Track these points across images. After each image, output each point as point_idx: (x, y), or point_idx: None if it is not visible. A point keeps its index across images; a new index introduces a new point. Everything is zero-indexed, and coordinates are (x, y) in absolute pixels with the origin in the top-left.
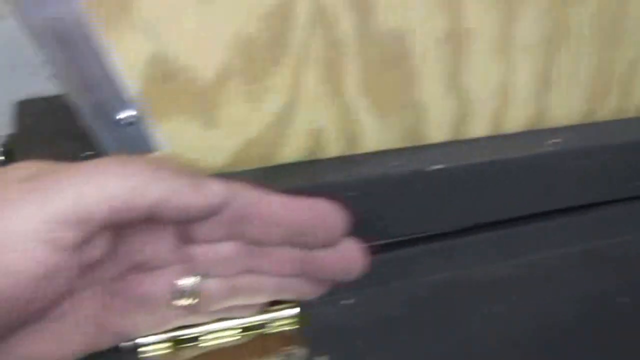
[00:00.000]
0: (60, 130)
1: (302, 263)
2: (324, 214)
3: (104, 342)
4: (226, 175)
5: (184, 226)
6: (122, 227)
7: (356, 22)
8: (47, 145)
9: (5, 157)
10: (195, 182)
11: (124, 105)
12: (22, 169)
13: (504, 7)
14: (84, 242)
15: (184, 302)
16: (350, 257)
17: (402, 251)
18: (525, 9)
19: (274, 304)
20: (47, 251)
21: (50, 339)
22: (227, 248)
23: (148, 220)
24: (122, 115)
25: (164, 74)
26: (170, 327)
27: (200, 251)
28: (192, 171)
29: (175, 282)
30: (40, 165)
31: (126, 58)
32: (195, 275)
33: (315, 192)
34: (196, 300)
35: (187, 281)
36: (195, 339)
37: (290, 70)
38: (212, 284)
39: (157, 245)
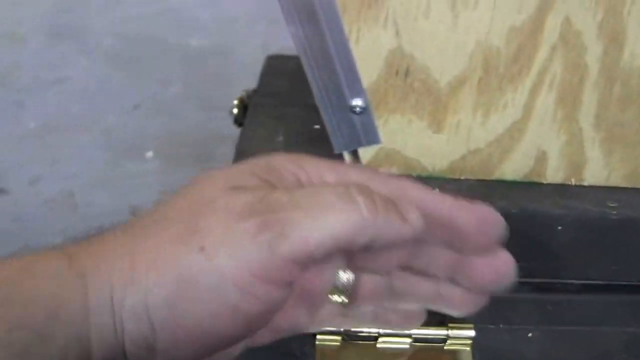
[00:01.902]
0: (294, 94)
1: (456, 266)
2: (485, 217)
3: (265, 338)
4: (439, 180)
5: None
6: None
7: (603, 52)
8: (277, 108)
9: (238, 112)
10: (402, 214)
11: (358, 92)
12: (241, 194)
13: None
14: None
15: (338, 298)
16: (501, 266)
17: (594, 296)
18: None
19: (450, 322)
20: (272, 289)
21: None
22: None
23: None
24: (355, 102)
25: (401, 70)
26: (324, 327)
27: None
28: (394, 192)
29: (333, 276)
30: (259, 194)
31: (368, 48)
32: (351, 270)
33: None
34: (349, 298)
35: (344, 276)
36: (366, 338)
37: (527, 88)
38: (368, 281)
39: None
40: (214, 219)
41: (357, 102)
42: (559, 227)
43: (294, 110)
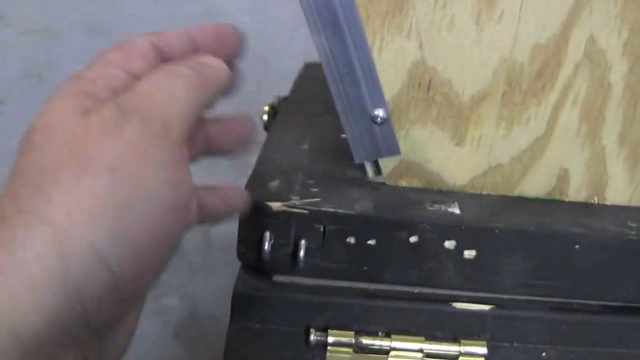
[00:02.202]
0: (325, 102)
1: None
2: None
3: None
4: (459, 194)
5: None
6: None
7: (628, 70)
8: (307, 115)
9: (268, 119)
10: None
11: (379, 102)
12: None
13: None
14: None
15: None
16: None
17: (611, 317)
18: None
19: (462, 338)
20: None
21: None
22: None
23: None
24: (376, 112)
25: (423, 82)
26: None
27: None
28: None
29: None
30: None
31: (391, 58)
32: None
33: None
34: None
35: None
36: (378, 351)
37: (550, 104)
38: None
39: None
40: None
41: (379, 112)
42: (577, 246)
43: (322, 118)
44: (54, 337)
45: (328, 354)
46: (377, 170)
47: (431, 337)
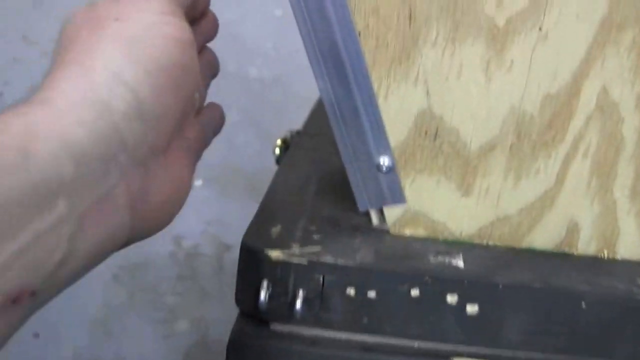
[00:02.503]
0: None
1: None
2: None
3: None
4: (465, 245)
5: None
6: None
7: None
8: (317, 151)
9: (280, 153)
10: None
11: (385, 151)
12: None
13: None
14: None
15: None
16: None
17: None
18: None
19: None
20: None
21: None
22: None
23: None
24: (382, 160)
25: (430, 131)
26: None
27: None
28: None
29: None
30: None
31: (397, 106)
32: None
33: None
34: None
35: None
36: None
37: (561, 156)
38: None
39: None
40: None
41: (384, 160)
42: (583, 304)
43: (333, 157)
44: (98, 152)
45: None
46: (382, 218)
47: None
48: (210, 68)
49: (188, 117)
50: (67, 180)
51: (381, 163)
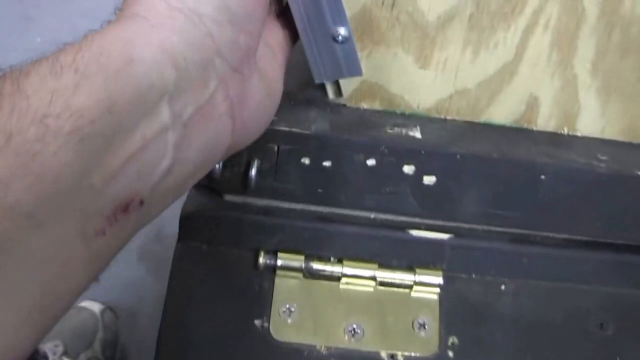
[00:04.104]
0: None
1: None
2: None
3: None
4: (423, 118)
5: None
6: None
7: None
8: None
9: None
10: None
11: (341, 21)
12: None
13: None
14: None
15: None
16: None
17: (574, 252)
18: None
19: (418, 267)
20: None
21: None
22: None
23: None
24: (338, 30)
25: (387, 0)
26: None
27: None
28: None
29: None
30: None
31: None
32: None
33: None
34: None
35: None
36: (329, 277)
37: (520, 29)
38: None
39: None
40: None
41: (340, 30)
42: (542, 177)
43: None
44: (196, 58)
45: (276, 278)
46: (338, 92)
47: (385, 265)
48: None
49: (268, 8)
50: (170, 86)
51: (337, 33)
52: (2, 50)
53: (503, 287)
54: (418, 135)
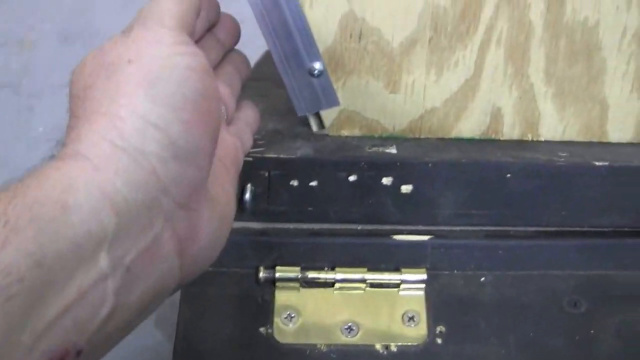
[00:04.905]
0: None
1: None
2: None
3: None
4: (399, 139)
5: None
6: None
7: (547, 9)
8: (264, 89)
9: None
10: None
11: (315, 56)
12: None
13: None
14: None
15: None
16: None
17: (544, 241)
18: None
19: (403, 267)
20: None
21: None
22: None
23: None
24: (312, 65)
25: (354, 33)
26: None
27: None
28: None
29: None
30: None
31: (322, 13)
32: None
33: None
34: None
35: None
36: (323, 284)
37: (476, 46)
38: None
39: None
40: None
41: (315, 65)
42: (508, 175)
43: (278, 90)
44: (139, 200)
45: (276, 290)
46: (320, 123)
47: (373, 268)
48: (238, 72)
49: (218, 137)
50: (110, 233)
51: (313, 68)
52: (5, 142)
53: (482, 279)
54: (394, 150)
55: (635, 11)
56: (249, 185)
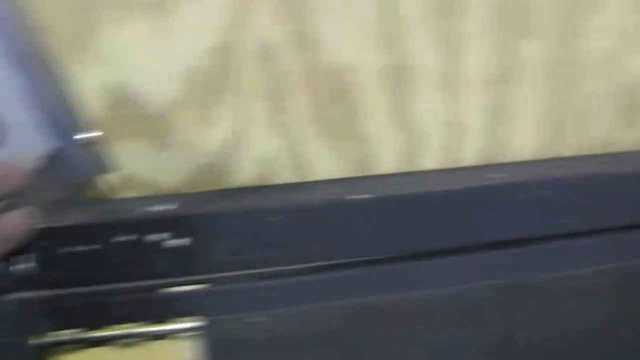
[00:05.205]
0: None
1: None
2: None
3: None
4: (179, 195)
5: None
6: None
7: (301, 57)
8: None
9: None
10: None
11: (81, 128)
12: None
13: (448, 45)
14: None
15: None
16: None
17: (314, 276)
18: (472, 47)
19: (177, 317)
20: None
21: None
22: None
23: None
24: (80, 136)
25: (117, 101)
26: None
27: None
28: None
29: None
30: None
31: (83, 84)
32: None
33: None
34: None
35: None
36: (102, 341)
37: (238, 100)
38: None
39: None
40: None
41: (85, 135)
42: (281, 218)
43: None
44: None
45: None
46: (96, 190)
47: (155, 321)
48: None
49: None
50: None
51: (82, 138)
52: None
53: (260, 319)
54: (172, 207)
55: (383, 53)
56: (10, 258)
